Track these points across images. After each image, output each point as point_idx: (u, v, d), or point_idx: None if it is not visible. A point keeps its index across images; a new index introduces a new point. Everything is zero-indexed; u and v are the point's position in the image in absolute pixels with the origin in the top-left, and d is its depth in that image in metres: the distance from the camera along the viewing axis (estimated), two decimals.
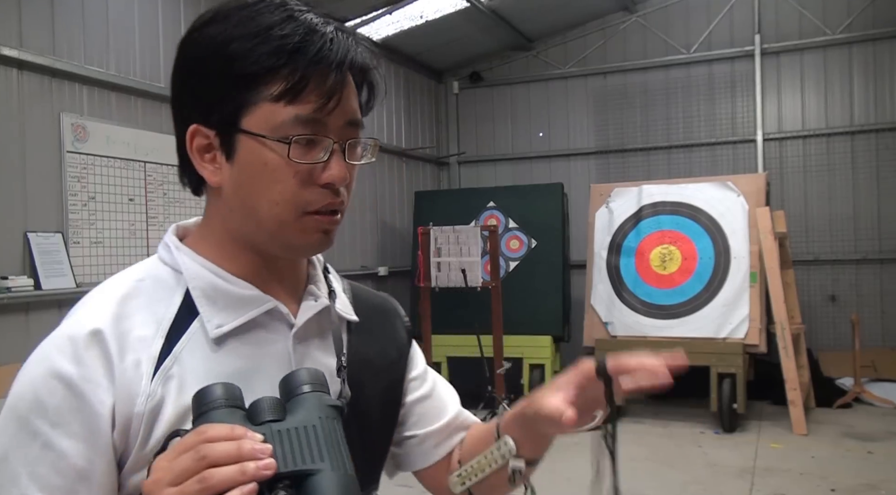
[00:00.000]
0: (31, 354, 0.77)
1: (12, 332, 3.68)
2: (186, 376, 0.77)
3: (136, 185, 4.42)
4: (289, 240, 0.81)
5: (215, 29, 0.78)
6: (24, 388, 0.74)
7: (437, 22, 6.80)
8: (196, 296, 0.81)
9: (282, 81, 0.76)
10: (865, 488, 4.24)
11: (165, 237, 0.87)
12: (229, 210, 0.82)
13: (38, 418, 0.72)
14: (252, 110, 0.77)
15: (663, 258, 6.09)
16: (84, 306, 0.81)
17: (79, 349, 0.74)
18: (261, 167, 0.78)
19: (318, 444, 0.64)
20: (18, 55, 3.71)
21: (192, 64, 0.80)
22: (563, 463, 4.82)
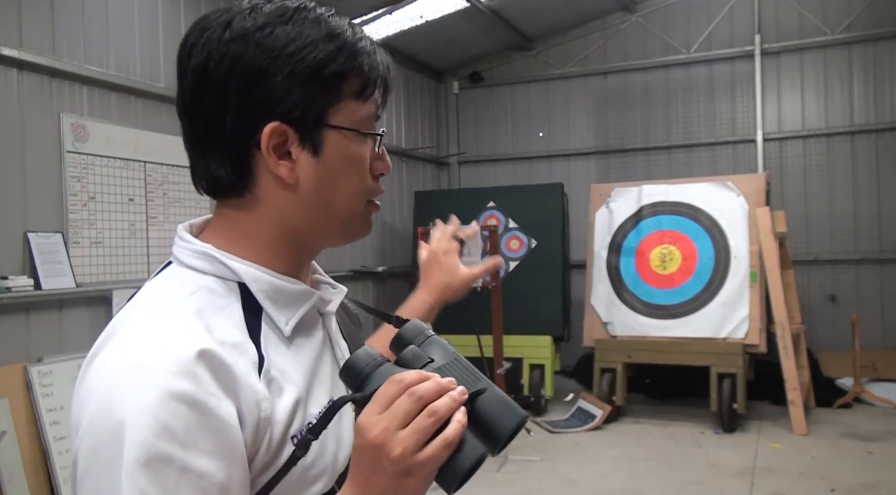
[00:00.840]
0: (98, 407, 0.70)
1: (12, 332, 3.67)
2: (280, 375, 0.79)
3: (136, 185, 4.42)
4: (355, 228, 0.88)
5: (287, 30, 0.80)
6: (139, 421, 0.67)
7: (437, 22, 6.80)
8: (261, 299, 0.82)
9: (359, 80, 0.83)
10: (865, 488, 4.24)
11: (192, 244, 0.83)
12: (300, 205, 0.83)
13: (167, 443, 0.68)
14: (338, 107, 0.82)
15: (663, 258, 6.09)
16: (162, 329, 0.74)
17: (189, 366, 0.71)
18: (346, 160, 0.83)
19: (467, 371, 0.76)
20: (18, 55, 3.71)
21: (267, 64, 0.79)
22: (564, 464, 4.83)
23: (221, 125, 0.81)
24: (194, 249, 0.83)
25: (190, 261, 0.83)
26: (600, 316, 6.12)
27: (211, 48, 0.80)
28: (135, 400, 0.68)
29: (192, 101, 0.82)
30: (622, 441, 5.31)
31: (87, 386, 0.72)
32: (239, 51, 0.79)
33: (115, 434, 0.67)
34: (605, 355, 5.94)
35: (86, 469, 0.69)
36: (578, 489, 4.43)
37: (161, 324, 0.75)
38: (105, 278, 4.19)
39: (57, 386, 3.71)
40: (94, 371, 0.72)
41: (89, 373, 0.73)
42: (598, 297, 6.18)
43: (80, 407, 0.71)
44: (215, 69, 0.79)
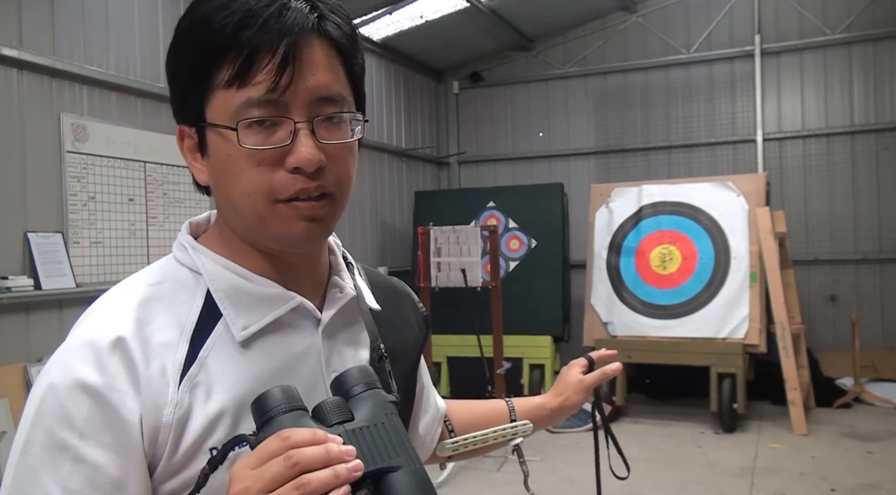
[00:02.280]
0: (44, 367, 0.74)
1: (12, 332, 3.67)
2: (213, 382, 0.74)
3: (136, 185, 4.42)
4: (272, 232, 0.76)
5: (183, 22, 0.77)
6: (47, 402, 0.70)
7: (437, 22, 6.80)
8: (219, 299, 0.78)
9: (230, 64, 0.72)
10: (865, 488, 4.24)
11: (180, 236, 0.83)
12: (221, 206, 0.82)
13: (66, 431, 0.68)
14: (210, 100, 0.74)
15: (663, 258, 6.09)
16: (100, 312, 0.76)
17: (102, 357, 0.70)
18: (225, 158, 0.75)
19: (389, 441, 0.65)
20: (18, 55, 3.71)
21: (168, 65, 0.79)
22: (565, 464, 4.83)
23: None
24: (179, 240, 0.83)
25: (175, 253, 0.83)
26: (600, 316, 6.12)
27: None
28: (45, 385, 0.71)
29: None
30: (622, 441, 5.28)
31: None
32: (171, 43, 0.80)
33: (30, 409, 0.71)
34: None
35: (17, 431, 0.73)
36: (578, 489, 4.43)
37: (99, 309, 0.77)
38: (105, 278, 4.19)
39: None
40: None
41: None
42: (598, 297, 6.18)
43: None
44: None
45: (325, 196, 0.76)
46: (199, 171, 0.80)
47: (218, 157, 0.76)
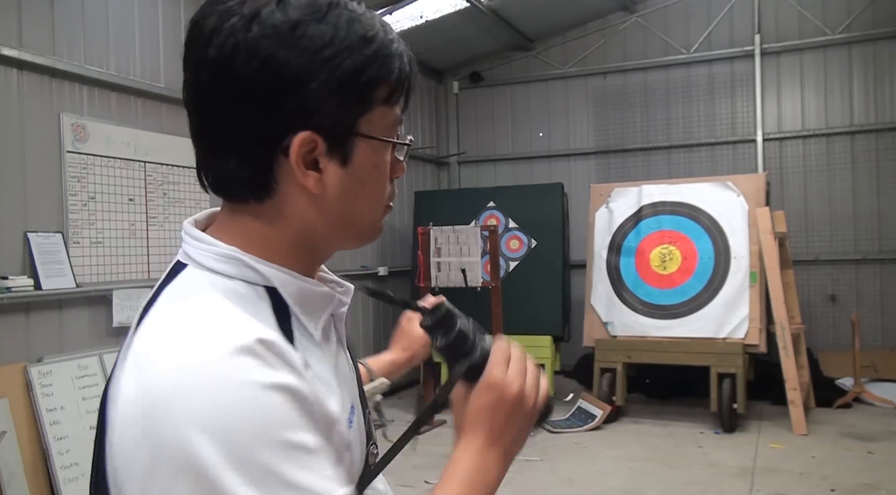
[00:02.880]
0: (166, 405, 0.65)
1: (12, 332, 3.67)
2: (317, 378, 0.76)
3: (136, 185, 4.42)
4: (372, 234, 0.86)
5: (322, 30, 0.74)
6: (236, 418, 0.64)
7: (437, 22, 6.80)
8: (292, 304, 0.79)
9: (388, 86, 0.79)
10: (865, 488, 4.24)
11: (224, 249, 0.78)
12: (322, 215, 0.79)
13: (282, 431, 0.66)
14: (369, 114, 0.79)
15: (663, 258, 6.09)
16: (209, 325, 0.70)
17: (262, 355, 0.68)
18: (372, 169, 0.81)
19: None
20: (18, 55, 3.71)
21: (301, 69, 0.74)
22: (564, 464, 4.83)
23: (244, 127, 0.75)
24: (219, 252, 0.77)
25: (213, 265, 0.77)
26: (600, 316, 6.12)
27: (237, 41, 0.72)
28: (211, 406, 0.64)
29: (208, 94, 0.75)
30: (622, 441, 5.31)
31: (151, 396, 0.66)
32: (271, 50, 0.73)
33: (203, 449, 0.63)
34: (605, 355, 5.94)
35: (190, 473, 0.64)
36: (578, 489, 4.43)
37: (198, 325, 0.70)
38: (105, 278, 4.19)
39: (57, 387, 3.71)
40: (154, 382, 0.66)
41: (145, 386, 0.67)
42: (598, 297, 6.18)
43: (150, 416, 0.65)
44: (243, 67, 0.73)
45: None
46: (314, 180, 0.77)
47: (364, 167, 0.80)
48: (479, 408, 0.83)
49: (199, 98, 0.77)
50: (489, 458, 0.82)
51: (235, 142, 0.76)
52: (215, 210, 0.86)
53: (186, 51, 0.77)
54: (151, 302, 0.76)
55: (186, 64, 0.77)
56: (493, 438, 0.82)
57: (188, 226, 0.81)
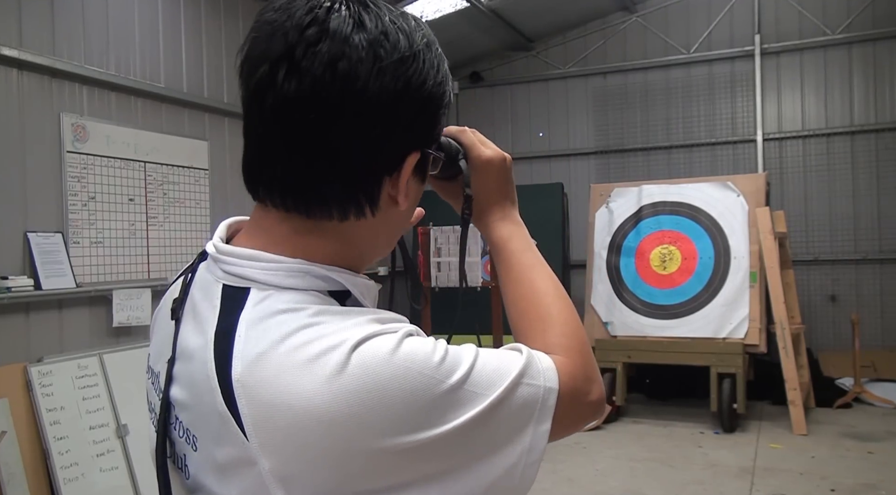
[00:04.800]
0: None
1: (12, 332, 3.67)
2: None
3: (136, 185, 4.42)
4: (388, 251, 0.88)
5: (433, 56, 0.80)
6: (420, 376, 0.67)
7: (437, 22, 6.79)
8: (364, 302, 0.80)
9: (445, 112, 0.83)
10: (865, 488, 4.24)
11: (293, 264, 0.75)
12: (392, 228, 0.84)
13: (435, 355, 0.69)
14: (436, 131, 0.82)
15: (663, 258, 6.09)
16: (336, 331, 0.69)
17: (402, 333, 0.70)
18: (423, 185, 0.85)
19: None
20: (18, 55, 3.71)
21: (431, 91, 0.77)
22: (564, 464, 4.82)
23: (358, 146, 0.72)
24: (289, 268, 0.74)
25: (286, 282, 0.73)
26: (600, 316, 6.12)
27: (357, 56, 0.70)
28: (393, 368, 0.66)
29: (309, 104, 0.69)
30: (622, 441, 5.31)
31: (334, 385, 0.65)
32: (400, 71, 0.73)
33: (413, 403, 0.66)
34: (605, 355, 5.94)
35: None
36: (578, 489, 4.43)
37: (335, 328, 0.69)
38: (105, 278, 4.19)
39: (57, 386, 3.71)
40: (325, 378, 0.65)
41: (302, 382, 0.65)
42: (598, 297, 6.18)
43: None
44: (373, 83, 0.70)
45: None
46: (405, 197, 0.79)
47: (423, 183, 0.85)
48: (489, 184, 0.96)
49: (292, 102, 0.70)
50: (516, 214, 0.99)
51: (349, 161, 0.73)
52: (236, 221, 0.83)
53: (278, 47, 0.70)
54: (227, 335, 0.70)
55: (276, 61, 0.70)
56: (510, 199, 0.99)
57: (230, 248, 0.76)
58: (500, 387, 0.71)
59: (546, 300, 0.88)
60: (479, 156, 0.94)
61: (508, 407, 0.71)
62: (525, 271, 0.91)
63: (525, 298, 0.89)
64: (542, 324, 0.86)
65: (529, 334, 0.86)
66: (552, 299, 0.89)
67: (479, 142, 0.96)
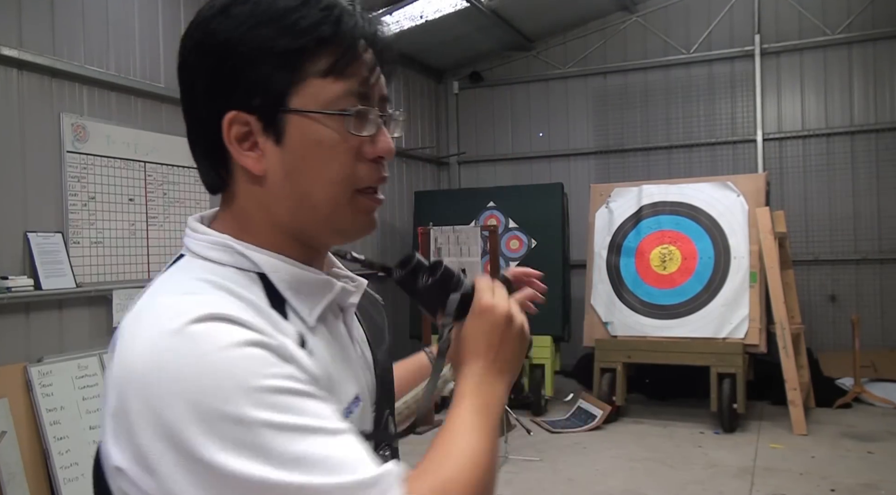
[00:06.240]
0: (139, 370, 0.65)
1: (12, 332, 3.67)
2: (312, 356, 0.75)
3: (136, 185, 4.42)
4: (342, 223, 0.80)
5: (246, 8, 0.75)
6: (217, 376, 0.63)
7: (437, 22, 6.79)
8: (282, 289, 0.77)
9: (328, 56, 0.75)
10: (865, 488, 4.24)
11: (215, 237, 0.78)
12: (276, 199, 0.78)
13: (270, 379, 0.64)
14: (299, 88, 0.75)
15: (663, 258, 6.09)
16: (180, 302, 0.69)
17: (231, 319, 0.67)
18: (314, 145, 0.76)
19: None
20: (18, 55, 3.71)
21: (224, 47, 0.75)
22: (564, 464, 4.83)
23: (193, 115, 0.79)
24: (211, 240, 0.78)
25: (207, 253, 0.77)
26: (600, 316, 6.12)
27: (186, 37, 0.78)
28: (206, 366, 0.63)
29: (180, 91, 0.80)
30: (622, 441, 5.31)
31: (125, 373, 0.66)
32: (209, 34, 0.76)
33: (191, 410, 0.62)
34: (605, 355, 5.94)
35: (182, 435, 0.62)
36: (578, 489, 4.43)
37: (197, 298, 0.70)
38: (105, 278, 4.19)
39: (57, 386, 3.71)
40: (139, 352, 0.66)
41: (128, 358, 0.66)
42: (598, 297, 6.18)
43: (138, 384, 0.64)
44: (188, 57, 0.78)
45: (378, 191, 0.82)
46: (254, 160, 0.76)
47: (303, 145, 0.76)
48: (474, 334, 0.85)
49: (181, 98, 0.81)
50: (492, 379, 0.84)
51: (194, 132, 0.80)
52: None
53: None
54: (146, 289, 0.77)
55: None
56: (491, 359, 0.84)
57: (191, 220, 0.82)
58: (299, 476, 0.62)
59: (462, 459, 0.74)
60: (479, 300, 0.86)
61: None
62: (462, 432, 0.77)
63: (445, 446, 0.76)
64: (440, 467, 0.73)
65: (422, 465, 0.74)
66: (469, 461, 0.74)
67: (490, 290, 0.87)
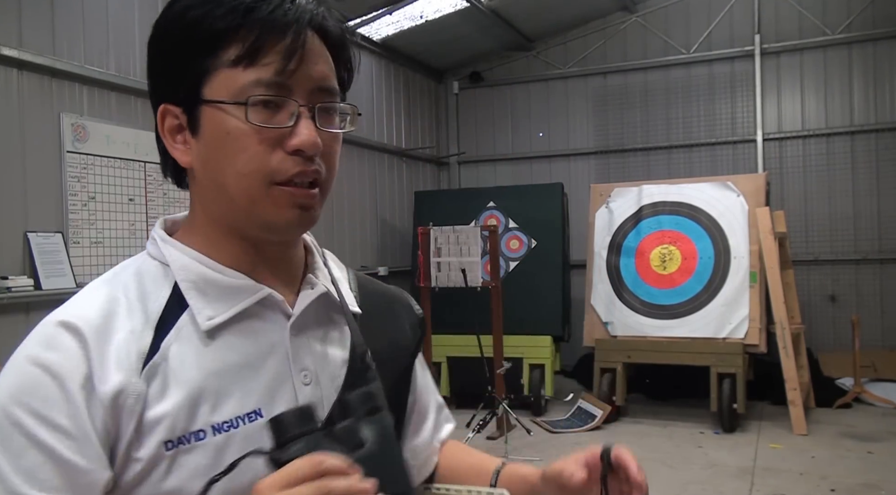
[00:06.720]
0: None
1: (12, 332, 3.67)
2: (173, 372, 0.73)
3: (136, 185, 4.42)
4: (263, 216, 0.76)
5: (177, 4, 0.77)
6: (5, 380, 0.71)
7: (437, 22, 6.80)
8: (185, 289, 0.77)
9: (238, 44, 0.73)
10: (865, 488, 4.24)
11: (153, 230, 0.83)
12: (203, 191, 0.79)
13: (19, 409, 0.69)
14: (212, 78, 0.74)
15: (663, 258, 6.09)
16: (71, 301, 0.77)
17: (57, 338, 0.71)
18: (223, 136, 0.74)
19: (394, 473, 0.70)
20: (18, 55, 3.71)
21: (156, 41, 0.78)
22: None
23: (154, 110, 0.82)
24: (151, 233, 0.83)
25: (147, 246, 0.83)
26: (600, 316, 6.12)
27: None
28: (9, 363, 0.72)
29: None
30: (622, 441, 5.26)
31: None
32: (152, 31, 0.80)
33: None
34: (605, 355, 5.94)
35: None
36: None
37: (74, 297, 0.77)
38: None
39: None
40: None
41: None
42: (598, 297, 6.18)
43: None
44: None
45: (316, 185, 0.77)
46: (182, 152, 0.78)
47: (214, 136, 0.75)
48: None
49: None
50: None
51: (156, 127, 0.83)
52: None
53: None
54: None
55: None
56: None
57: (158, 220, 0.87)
58: None
59: None
60: (266, 479, 0.65)
61: None
62: None
63: None
64: None
65: None
66: None
67: (287, 474, 0.64)
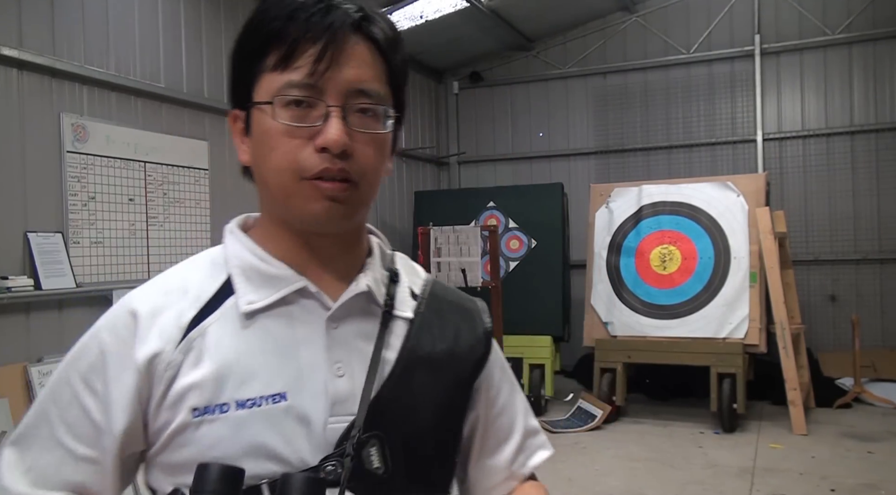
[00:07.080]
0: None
1: (12, 332, 3.67)
2: (206, 348, 0.82)
3: (136, 185, 4.42)
4: (297, 209, 0.82)
5: (252, 20, 0.85)
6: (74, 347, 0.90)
7: (437, 22, 6.79)
8: (234, 275, 0.86)
9: (276, 51, 0.80)
10: (865, 488, 4.24)
11: (228, 224, 0.93)
12: (259, 188, 0.87)
13: (73, 371, 0.87)
14: (259, 82, 0.83)
15: (663, 258, 6.09)
16: (150, 281, 0.91)
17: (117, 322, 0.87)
18: (262, 134, 0.82)
19: None
20: (18, 55, 3.71)
21: (232, 54, 0.87)
22: (564, 464, 4.82)
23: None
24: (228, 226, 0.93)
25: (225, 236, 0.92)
26: (600, 316, 6.12)
27: None
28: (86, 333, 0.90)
29: None
30: (622, 441, 5.31)
31: None
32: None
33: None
34: (605, 355, 5.94)
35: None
36: (578, 489, 4.43)
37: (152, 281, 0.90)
38: (105, 278, 4.19)
39: None
40: None
41: None
42: (598, 297, 6.18)
43: None
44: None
45: (348, 181, 0.82)
46: (242, 151, 0.87)
47: (258, 135, 0.83)
48: None
49: None
50: None
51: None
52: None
53: None
54: None
55: None
56: None
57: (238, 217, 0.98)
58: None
59: None
60: None
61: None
62: None
63: None
64: None
65: None
66: None
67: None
